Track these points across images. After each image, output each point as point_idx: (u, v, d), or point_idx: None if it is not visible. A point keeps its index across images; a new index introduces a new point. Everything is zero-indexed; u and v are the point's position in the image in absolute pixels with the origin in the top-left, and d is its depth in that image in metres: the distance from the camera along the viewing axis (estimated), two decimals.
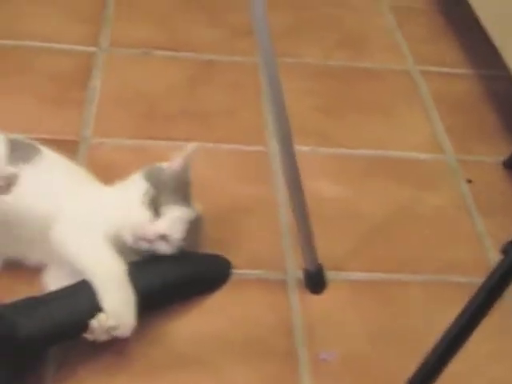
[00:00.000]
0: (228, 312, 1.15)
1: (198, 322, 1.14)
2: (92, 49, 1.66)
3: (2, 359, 0.93)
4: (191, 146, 1.15)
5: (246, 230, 1.27)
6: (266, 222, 1.30)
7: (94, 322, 1.00)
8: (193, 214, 1.13)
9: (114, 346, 1.06)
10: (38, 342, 0.99)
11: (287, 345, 1.12)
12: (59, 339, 1.03)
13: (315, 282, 1.20)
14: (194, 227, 1.14)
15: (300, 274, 1.20)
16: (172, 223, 1.11)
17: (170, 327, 1.12)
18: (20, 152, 1.15)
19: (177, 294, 1.15)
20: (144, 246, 1.10)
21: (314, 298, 1.19)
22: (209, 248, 1.20)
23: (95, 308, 1.01)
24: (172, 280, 1.13)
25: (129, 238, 1.10)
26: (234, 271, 1.21)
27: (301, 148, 1.14)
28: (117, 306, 1.03)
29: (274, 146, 1.45)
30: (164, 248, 1.11)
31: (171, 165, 1.15)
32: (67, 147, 1.38)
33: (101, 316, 1.00)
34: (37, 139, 1.39)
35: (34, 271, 1.13)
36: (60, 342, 1.04)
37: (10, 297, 1.01)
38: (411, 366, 0.94)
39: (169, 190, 1.13)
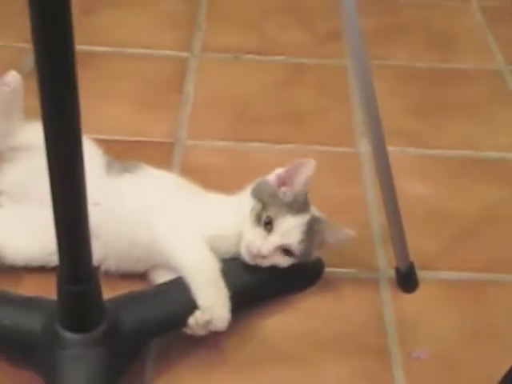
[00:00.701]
0: (321, 309, 1.18)
1: (292, 319, 1.16)
2: (185, 54, 1.71)
3: (106, 352, 0.98)
4: (309, 163, 1.13)
5: None
6: (358, 221, 1.32)
7: (191, 319, 1.03)
8: (307, 218, 1.13)
9: (211, 341, 1.10)
10: (140, 335, 1.04)
11: (380, 342, 1.14)
12: (159, 333, 1.07)
13: (407, 280, 1.21)
14: (313, 230, 1.14)
15: (392, 273, 1.22)
16: (285, 234, 1.11)
17: (263, 324, 1.15)
18: (126, 167, 1.18)
19: (270, 291, 1.18)
20: (263, 262, 1.12)
21: (406, 296, 1.21)
22: None
23: (193, 303, 1.05)
24: (265, 278, 1.16)
25: (245, 257, 1.12)
26: (327, 270, 1.23)
27: (390, 148, 1.16)
28: (211, 300, 1.06)
29: (363, 147, 1.47)
30: (284, 261, 1.13)
31: (290, 185, 1.14)
32: (163, 149, 1.44)
33: (196, 313, 1.04)
34: (134, 142, 1.45)
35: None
36: (160, 336, 1.09)
37: (113, 293, 1.06)
38: (504, 365, 0.95)
39: (280, 202, 1.13)
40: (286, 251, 1.12)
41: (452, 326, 1.17)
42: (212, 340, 1.10)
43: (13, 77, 1.16)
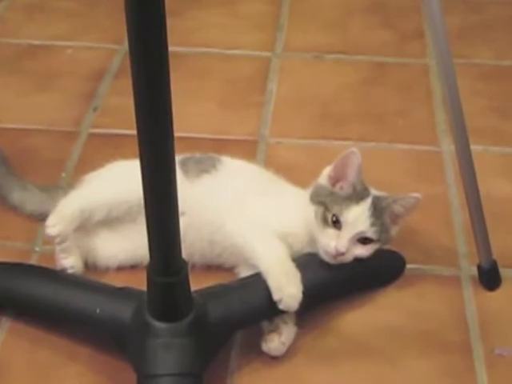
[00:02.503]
0: (402, 305, 1.19)
1: (373, 314, 1.18)
2: (267, 54, 1.74)
3: (194, 341, 1.01)
4: (353, 154, 1.13)
5: (421, 227, 1.30)
6: (440, 219, 1.32)
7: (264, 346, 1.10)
8: (370, 201, 1.13)
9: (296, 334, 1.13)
10: (225, 326, 1.07)
11: (462, 339, 1.14)
12: (244, 325, 1.10)
13: (489, 278, 1.21)
14: (380, 209, 1.14)
15: (474, 271, 1.22)
16: (355, 224, 1.12)
17: (345, 318, 1.17)
18: (202, 165, 1.22)
19: (351, 287, 1.19)
20: (345, 259, 1.12)
21: (488, 294, 1.21)
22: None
23: None
24: (347, 273, 1.17)
25: (326, 259, 1.13)
26: (409, 266, 1.24)
27: (473, 147, 1.16)
28: (281, 280, 1.07)
29: (446, 146, 1.47)
30: (365, 250, 1.13)
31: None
32: (247, 147, 1.47)
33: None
34: (219, 140, 1.49)
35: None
36: (244, 328, 1.12)
37: (199, 286, 1.08)
38: None
39: (340, 198, 1.13)
40: (364, 240, 1.13)
41: None
42: (296, 334, 1.13)
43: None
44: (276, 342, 1.09)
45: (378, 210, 1.13)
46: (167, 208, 0.92)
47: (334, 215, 1.12)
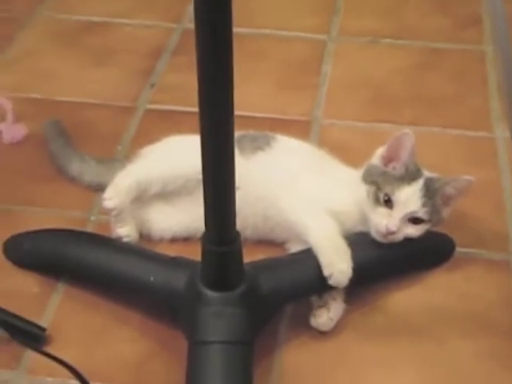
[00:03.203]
0: (450, 287, 1.20)
1: (421, 295, 1.19)
2: (322, 37, 1.75)
3: (245, 311, 1.03)
4: (406, 135, 1.14)
5: (472, 211, 1.30)
6: (492, 204, 1.33)
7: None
8: (422, 182, 1.14)
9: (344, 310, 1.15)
10: (276, 298, 1.09)
11: (508, 323, 1.14)
12: (294, 298, 1.12)
13: None
14: (433, 190, 1.14)
15: None
16: (406, 204, 1.13)
17: (393, 297, 1.18)
18: (257, 142, 1.24)
19: (401, 267, 1.21)
20: (395, 238, 1.13)
21: None
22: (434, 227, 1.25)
23: None
24: (397, 253, 1.18)
25: (377, 238, 1.14)
26: (458, 250, 1.24)
27: None
28: (331, 256, 1.09)
29: (499, 132, 1.47)
30: (416, 230, 1.14)
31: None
32: (301, 127, 1.48)
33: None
34: (274, 119, 1.51)
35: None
36: (294, 301, 1.14)
37: (251, 258, 1.10)
38: None
39: (392, 178, 1.14)
40: (414, 220, 1.14)
41: None
42: (345, 310, 1.14)
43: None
44: (325, 317, 1.11)
45: (430, 191, 1.14)
46: (224, 179, 0.95)
47: (385, 194, 1.13)
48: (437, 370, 1.08)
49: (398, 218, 1.12)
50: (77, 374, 1.04)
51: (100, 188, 1.29)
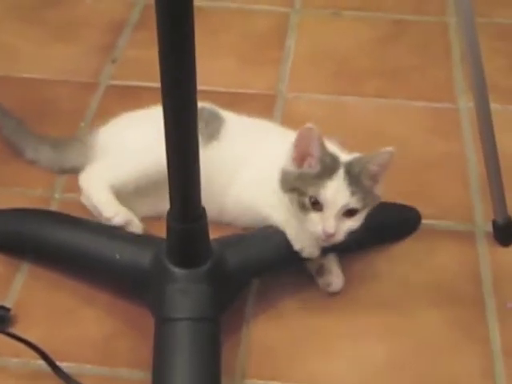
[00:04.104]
0: (416, 259, 1.20)
1: (387, 267, 1.19)
2: (286, 9, 1.73)
3: (211, 288, 1.03)
4: (309, 130, 1.07)
5: (436, 182, 1.31)
6: (456, 175, 1.33)
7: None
8: (343, 171, 1.07)
9: (308, 285, 1.15)
10: (243, 274, 1.08)
11: (475, 293, 1.15)
12: (261, 273, 1.12)
13: (504, 234, 1.22)
14: (356, 174, 1.08)
15: (489, 227, 1.23)
16: (335, 200, 1.06)
17: (358, 270, 1.18)
18: (209, 128, 1.19)
19: (366, 239, 1.20)
20: (337, 238, 1.08)
21: (502, 250, 1.22)
22: (399, 199, 1.25)
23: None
24: (362, 226, 1.18)
25: (320, 243, 1.10)
26: (424, 222, 1.25)
27: (492, 105, 1.16)
28: (298, 230, 1.09)
29: (463, 103, 1.47)
30: (355, 220, 1.09)
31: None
32: (265, 101, 1.47)
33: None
34: (238, 93, 1.49)
35: None
36: (261, 276, 1.13)
37: (217, 235, 1.10)
38: None
39: (311, 177, 1.08)
40: (349, 212, 1.08)
41: None
42: (309, 284, 1.15)
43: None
44: (334, 278, 1.12)
45: (354, 177, 1.08)
46: (188, 155, 0.94)
47: (311, 197, 1.07)
48: (405, 340, 1.09)
49: (331, 218, 1.06)
50: (42, 354, 1.03)
51: (61, 171, 1.29)
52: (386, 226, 1.21)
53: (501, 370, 1.05)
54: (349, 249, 1.16)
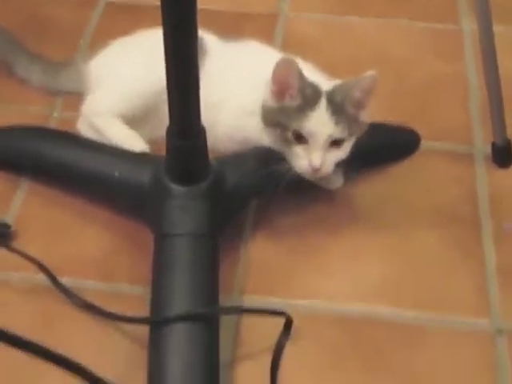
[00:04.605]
0: (415, 180, 1.20)
1: (385, 188, 1.20)
2: None
3: (210, 205, 1.03)
4: (286, 61, 1.03)
5: (437, 104, 1.31)
6: (457, 97, 1.33)
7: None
8: (325, 100, 1.03)
9: (309, 206, 1.16)
10: (242, 192, 1.09)
11: (472, 214, 1.16)
12: (260, 192, 1.11)
13: (503, 156, 1.22)
14: (339, 102, 1.04)
15: (488, 149, 1.23)
16: (320, 132, 1.03)
17: (357, 191, 1.19)
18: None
19: (365, 160, 1.20)
20: (324, 171, 1.05)
21: (501, 172, 1.22)
22: (398, 120, 1.25)
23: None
24: (361, 147, 1.17)
25: (308, 178, 1.07)
26: (423, 143, 1.25)
27: (495, 27, 1.15)
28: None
29: (466, 25, 1.45)
30: (343, 150, 1.06)
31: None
32: (266, 21, 1.46)
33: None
34: (239, 13, 1.47)
35: None
36: (261, 195, 1.13)
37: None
38: None
39: (292, 111, 1.04)
40: (335, 143, 1.05)
41: None
42: (310, 205, 1.16)
43: None
44: (332, 174, 1.09)
45: (337, 105, 1.04)
46: (188, 70, 0.93)
47: (294, 131, 1.04)
48: (402, 259, 1.10)
49: (317, 150, 1.03)
50: (43, 268, 1.04)
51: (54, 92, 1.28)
52: (386, 147, 1.21)
53: (495, 287, 1.07)
54: (348, 167, 1.16)
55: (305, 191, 1.14)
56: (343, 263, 1.10)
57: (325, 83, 1.07)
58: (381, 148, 1.21)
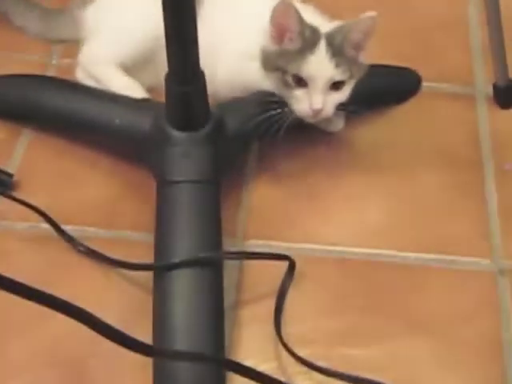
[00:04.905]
0: (416, 122, 1.20)
1: (387, 130, 1.19)
2: None
3: (212, 150, 1.03)
4: (285, 4, 1.01)
5: (438, 45, 1.30)
6: (458, 37, 1.31)
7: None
8: (324, 42, 1.02)
9: (309, 149, 1.16)
10: (243, 136, 1.09)
11: (474, 155, 1.16)
12: (263, 135, 1.08)
13: (505, 97, 1.21)
14: (338, 44, 1.03)
15: (489, 90, 1.23)
16: (320, 74, 1.03)
17: (360, 134, 1.18)
18: None
19: (366, 102, 1.18)
20: (325, 113, 1.05)
21: (503, 112, 1.22)
22: (399, 62, 1.24)
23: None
24: (361, 90, 1.17)
25: (309, 121, 1.07)
26: (424, 84, 1.24)
27: None
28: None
29: None
30: (343, 92, 1.05)
31: None
32: None
33: None
34: None
35: None
36: (262, 137, 1.12)
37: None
38: None
39: (292, 54, 1.03)
40: (336, 85, 1.05)
41: None
42: (310, 148, 1.16)
43: None
44: (332, 117, 1.09)
45: (337, 47, 1.03)
46: (185, 14, 0.92)
47: (294, 75, 1.03)
48: (403, 202, 1.11)
49: (317, 93, 1.03)
50: (46, 217, 1.05)
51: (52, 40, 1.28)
52: (386, 89, 1.21)
53: (496, 229, 1.08)
54: (348, 110, 1.15)
55: (305, 134, 1.14)
56: (344, 207, 1.10)
57: (325, 25, 1.06)
58: (381, 90, 1.21)
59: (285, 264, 1.00)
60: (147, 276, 0.97)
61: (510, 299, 1.01)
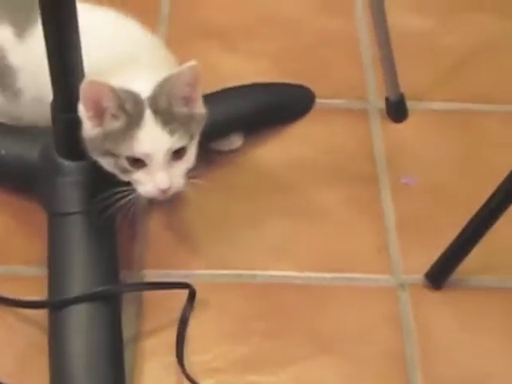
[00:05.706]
0: (311, 139, 1.20)
1: (283, 149, 1.18)
2: None
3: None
4: (93, 84, 0.89)
5: (329, 61, 1.30)
6: (349, 54, 1.32)
7: None
8: (149, 111, 0.90)
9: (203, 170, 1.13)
10: None
11: (369, 170, 1.17)
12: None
13: (397, 110, 1.23)
14: (164, 107, 0.90)
15: (382, 104, 1.24)
16: (157, 150, 0.90)
17: (255, 155, 1.17)
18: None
19: (260, 122, 1.19)
20: (174, 188, 0.93)
21: (395, 126, 1.23)
22: (292, 79, 1.24)
23: None
24: (255, 108, 1.16)
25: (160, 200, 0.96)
26: (317, 101, 1.24)
27: None
28: None
29: None
30: (188, 158, 0.94)
31: None
32: None
33: None
34: None
35: None
36: None
37: None
38: (486, 193, 0.96)
39: (117, 132, 0.91)
40: (177, 152, 0.92)
41: (440, 154, 1.19)
42: (207, 170, 1.12)
43: None
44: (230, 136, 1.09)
45: (165, 112, 0.90)
46: (68, 41, 0.89)
47: (128, 158, 0.91)
48: (302, 220, 1.10)
49: (159, 170, 0.91)
50: None
51: None
52: (280, 106, 1.20)
53: (395, 243, 1.08)
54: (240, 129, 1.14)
55: (200, 157, 1.11)
56: (243, 229, 1.08)
57: (140, 82, 0.91)
58: (274, 108, 1.20)
59: (185, 292, 0.98)
60: (42, 314, 0.94)
61: (412, 313, 1.01)
